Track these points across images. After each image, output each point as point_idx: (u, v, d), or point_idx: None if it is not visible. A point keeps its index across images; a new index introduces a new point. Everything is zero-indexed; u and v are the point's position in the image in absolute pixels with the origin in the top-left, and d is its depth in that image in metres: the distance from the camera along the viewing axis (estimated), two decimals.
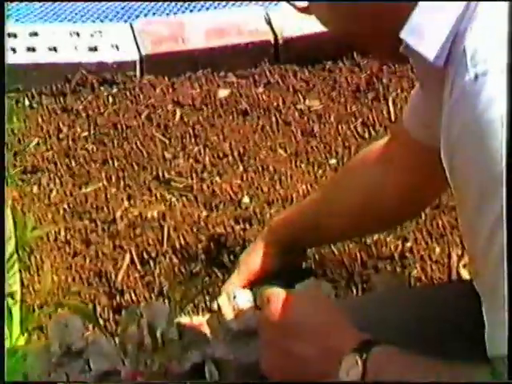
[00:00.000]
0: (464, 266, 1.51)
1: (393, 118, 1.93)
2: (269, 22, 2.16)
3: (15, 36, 2.12)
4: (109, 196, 1.75)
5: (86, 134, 1.94)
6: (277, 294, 1.03)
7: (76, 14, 2.29)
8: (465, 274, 1.49)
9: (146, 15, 2.30)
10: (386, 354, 0.92)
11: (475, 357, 0.83)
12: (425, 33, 0.84)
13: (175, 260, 1.58)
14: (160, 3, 2.34)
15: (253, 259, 1.42)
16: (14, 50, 2.07)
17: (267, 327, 1.02)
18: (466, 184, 0.80)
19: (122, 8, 2.32)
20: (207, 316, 1.35)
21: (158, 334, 1.15)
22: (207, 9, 2.31)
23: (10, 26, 2.14)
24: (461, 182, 0.81)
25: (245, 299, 1.26)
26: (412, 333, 1.03)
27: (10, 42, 2.07)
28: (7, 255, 1.24)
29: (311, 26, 2.13)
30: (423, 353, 0.89)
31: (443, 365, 0.87)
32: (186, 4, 2.34)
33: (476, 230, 0.80)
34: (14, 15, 2.15)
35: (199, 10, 2.31)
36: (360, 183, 1.32)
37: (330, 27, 0.97)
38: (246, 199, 1.73)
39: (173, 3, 2.34)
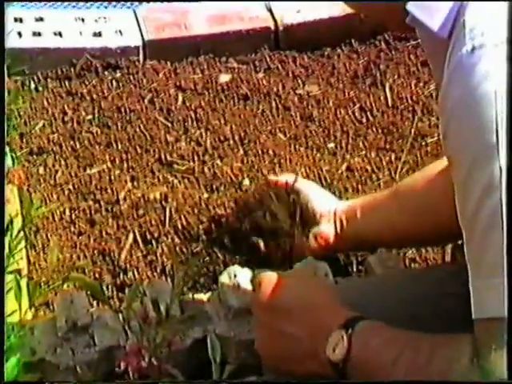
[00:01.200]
0: (458, 246, 1.54)
1: (390, 104, 1.96)
2: (269, 9, 2.18)
3: (21, 21, 2.13)
4: (112, 178, 1.78)
5: (90, 117, 1.96)
6: (268, 277, 1.05)
7: (79, 2, 2.30)
8: (458, 255, 1.52)
9: (148, 2, 2.32)
10: (370, 328, 0.94)
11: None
12: (429, 4, 0.86)
13: (177, 240, 1.61)
14: None
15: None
16: (20, 34, 2.08)
17: (259, 309, 1.05)
18: (459, 151, 0.82)
19: None
20: (209, 294, 1.38)
21: (163, 311, 1.18)
22: None
23: (16, 11, 2.15)
24: (454, 150, 0.83)
25: (245, 278, 1.29)
26: (406, 314, 1.04)
27: (16, 27, 2.09)
28: (15, 232, 1.26)
29: (311, 13, 2.16)
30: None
31: (425, 336, 0.90)
32: None
33: (466, 196, 0.81)
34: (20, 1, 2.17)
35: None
36: (420, 193, 1.31)
37: (351, 8, 1.01)
38: (246, 181, 1.75)
39: None
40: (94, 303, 1.42)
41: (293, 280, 1.06)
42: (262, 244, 1.50)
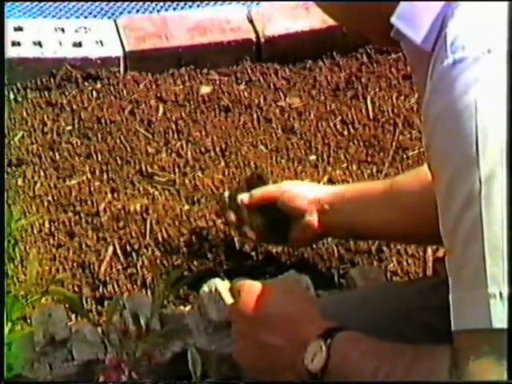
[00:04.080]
0: (439, 259, 1.54)
1: (371, 117, 1.96)
2: (251, 21, 2.18)
3: None
4: (92, 189, 1.77)
5: (70, 128, 1.95)
6: (248, 286, 1.04)
7: (60, 9, 2.30)
8: (439, 268, 1.52)
9: (129, 12, 2.31)
10: (349, 339, 0.94)
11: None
12: (413, 17, 0.86)
13: (157, 252, 1.61)
14: (144, 1, 2.35)
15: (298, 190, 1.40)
16: None
17: (238, 318, 1.04)
18: (441, 163, 0.82)
19: (107, 4, 2.33)
20: (189, 307, 1.38)
21: (143, 324, 1.17)
22: (190, 7, 2.33)
23: None
24: (436, 161, 0.83)
25: (226, 291, 1.28)
26: (386, 327, 1.03)
27: None
28: None
29: (292, 25, 2.16)
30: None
31: (404, 348, 0.89)
32: (170, 2, 2.35)
33: (446, 207, 0.81)
34: None
35: (182, 7, 2.32)
36: (410, 194, 1.28)
37: (334, 19, 1.00)
38: (227, 193, 1.75)
39: (156, 1, 2.35)
40: (73, 316, 1.41)
41: (273, 289, 1.05)
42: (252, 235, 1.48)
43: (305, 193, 1.40)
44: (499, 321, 0.78)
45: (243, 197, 1.44)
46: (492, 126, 0.77)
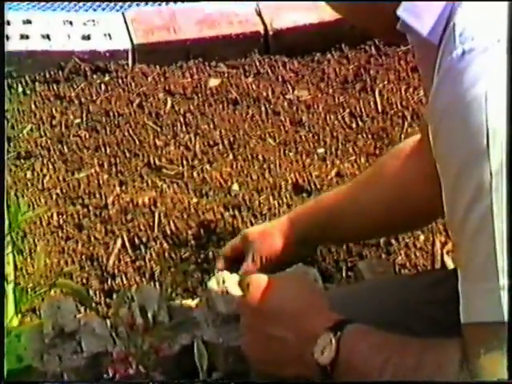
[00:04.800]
0: (447, 252, 1.54)
1: (379, 109, 1.96)
2: (259, 14, 2.18)
3: (8, 23, 2.12)
4: (101, 182, 1.77)
5: (78, 120, 1.95)
6: (256, 279, 1.04)
7: (69, 3, 2.30)
8: (448, 261, 1.52)
9: (138, 5, 2.31)
10: (358, 332, 0.94)
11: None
12: (419, 9, 0.86)
13: (165, 245, 1.61)
14: None
15: (270, 247, 1.36)
16: (7, 37, 2.08)
17: (247, 311, 1.04)
18: (449, 155, 0.81)
19: None
20: (197, 300, 1.38)
21: (150, 317, 1.17)
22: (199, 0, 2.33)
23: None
24: (444, 153, 0.83)
25: (234, 283, 1.29)
26: (393, 320, 1.02)
27: None
28: None
29: (300, 18, 2.16)
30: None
31: (413, 341, 0.89)
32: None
33: (455, 200, 0.81)
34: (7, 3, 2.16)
35: (191, 0, 2.32)
36: (392, 177, 1.27)
37: (341, 14, 0.99)
38: (235, 187, 1.75)
39: None
40: (82, 309, 1.41)
41: (281, 282, 1.05)
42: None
43: (277, 239, 1.37)
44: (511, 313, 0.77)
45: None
46: (502, 117, 0.77)
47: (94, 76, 2.08)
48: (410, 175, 1.23)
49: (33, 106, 2.00)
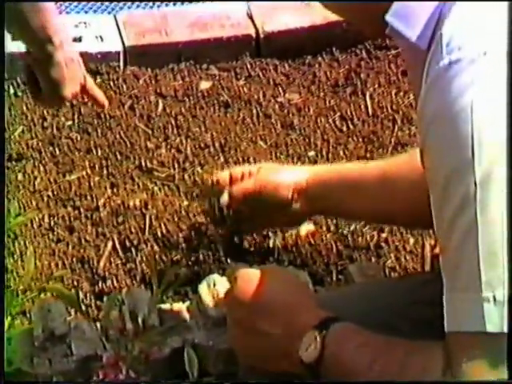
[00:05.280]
0: (437, 256, 1.55)
1: (370, 113, 1.96)
2: (250, 17, 2.18)
3: None
4: (92, 184, 1.77)
5: (70, 122, 1.95)
6: (245, 273, 1.04)
7: (61, 4, 2.29)
8: (437, 264, 1.52)
9: (129, 7, 2.31)
10: (344, 330, 0.94)
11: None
12: (407, 15, 0.86)
13: (156, 248, 1.61)
14: None
15: (275, 187, 1.37)
16: None
17: (234, 305, 1.04)
18: (436, 165, 0.82)
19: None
20: (187, 303, 1.38)
21: (139, 320, 1.17)
22: (190, 2, 2.33)
23: None
24: (431, 163, 0.83)
25: (225, 287, 1.29)
26: (380, 321, 1.02)
27: None
28: None
29: (292, 21, 2.16)
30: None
31: (399, 342, 0.90)
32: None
33: (441, 209, 0.82)
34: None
35: (182, 3, 2.32)
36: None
37: (335, 14, 1.00)
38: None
39: None
40: (72, 312, 1.41)
41: (269, 276, 1.04)
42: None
43: (287, 181, 1.38)
44: (493, 325, 0.78)
45: (223, 198, 1.44)
46: (488, 128, 0.77)
47: None
48: (419, 185, 1.21)
49: (24, 108, 1.99)
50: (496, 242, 0.78)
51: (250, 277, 1.03)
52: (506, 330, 0.78)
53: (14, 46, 2.06)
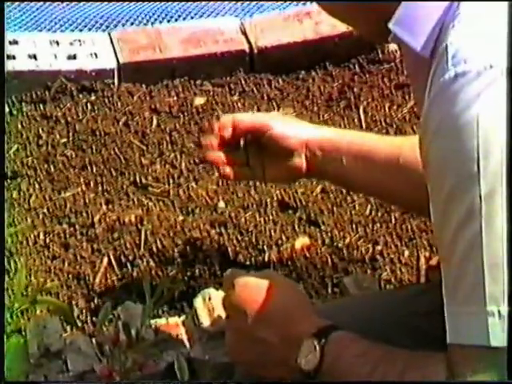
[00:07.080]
0: (431, 267, 1.55)
1: (364, 126, 1.97)
2: (244, 32, 2.19)
3: None
4: (87, 201, 1.77)
5: (64, 140, 1.95)
6: (243, 279, 1.03)
7: (56, 23, 2.31)
8: (432, 276, 1.53)
9: (123, 25, 2.32)
10: (343, 339, 0.93)
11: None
12: (412, 23, 0.85)
13: (152, 263, 1.61)
14: (138, 13, 2.36)
15: (279, 139, 1.22)
16: None
17: (232, 312, 1.03)
18: (440, 178, 0.81)
19: (101, 18, 2.34)
20: (183, 317, 1.38)
21: (134, 334, 1.17)
22: (184, 19, 2.34)
23: None
24: (435, 175, 0.82)
25: (220, 301, 1.29)
26: (377, 332, 1.00)
27: None
28: None
29: (285, 36, 2.17)
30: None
31: (399, 351, 0.89)
32: (163, 14, 2.36)
33: (444, 223, 0.81)
34: None
35: (176, 19, 2.33)
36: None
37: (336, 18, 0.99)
38: (221, 204, 1.76)
39: (150, 13, 2.36)
40: (68, 328, 1.41)
41: (267, 284, 1.02)
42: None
43: (297, 132, 1.25)
44: (497, 339, 0.78)
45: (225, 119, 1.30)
46: (494, 143, 0.76)
47: (80, 95, 2.08)
48: None
49: (19, 126, 2.00)
50: (500, 256, 0.77)
51: (248, 283, 1.02)
52: (506, 343, 0.78)
53: (9, 65, 2.08)
